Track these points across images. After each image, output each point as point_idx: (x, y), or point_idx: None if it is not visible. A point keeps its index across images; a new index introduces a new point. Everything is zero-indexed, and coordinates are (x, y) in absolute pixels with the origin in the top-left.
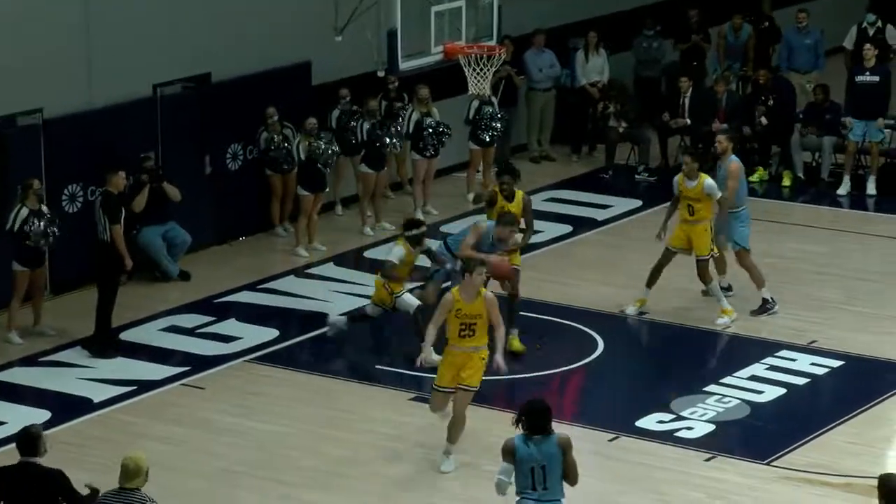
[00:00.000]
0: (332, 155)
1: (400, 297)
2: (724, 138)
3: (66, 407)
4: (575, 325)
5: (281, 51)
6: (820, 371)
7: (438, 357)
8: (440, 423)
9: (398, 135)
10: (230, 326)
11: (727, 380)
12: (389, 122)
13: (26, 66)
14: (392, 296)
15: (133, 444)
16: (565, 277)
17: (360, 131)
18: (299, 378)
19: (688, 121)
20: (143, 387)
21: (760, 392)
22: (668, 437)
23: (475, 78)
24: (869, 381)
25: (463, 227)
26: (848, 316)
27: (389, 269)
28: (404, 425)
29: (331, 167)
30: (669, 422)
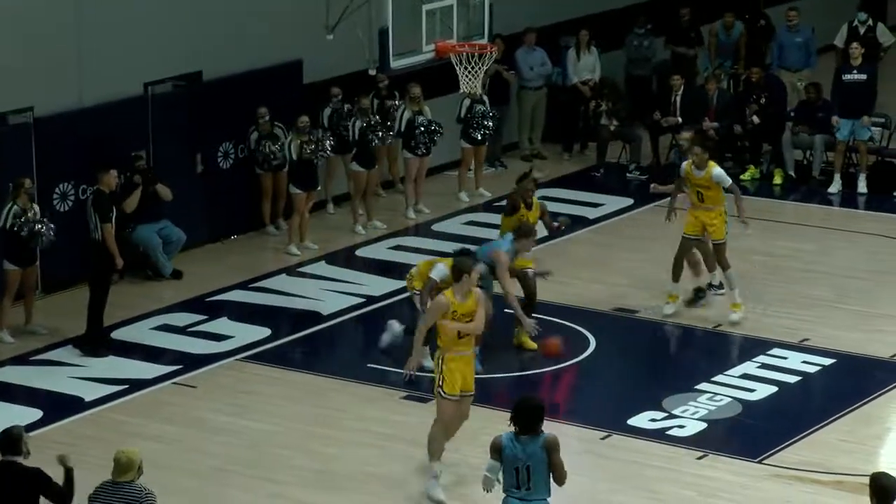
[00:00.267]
0: (325, 146)
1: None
2: (689, 136)
3: (58, 406)
4: (567, 323)
5: (272, 49)
6: (812, 369)
7: (430, 362)
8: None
9: (385, 132)
10: (222, 325)
11: (719, 378)
12: (379, 121)
13: (17, 64)
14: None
15: (125, 443)
16: (557, 276)
17: (352, 130)
18: (291, 377)
19: (679, 119)
20: (135, 385)
21: (752, 390)
22: (659, 436)
23: (467, 76)
24: (860, 379)
25: (456, 225)
26: (839, 314)
27: (430, 288)
28: (396, 424)
29: (322, 157)
30: (661, 420)
